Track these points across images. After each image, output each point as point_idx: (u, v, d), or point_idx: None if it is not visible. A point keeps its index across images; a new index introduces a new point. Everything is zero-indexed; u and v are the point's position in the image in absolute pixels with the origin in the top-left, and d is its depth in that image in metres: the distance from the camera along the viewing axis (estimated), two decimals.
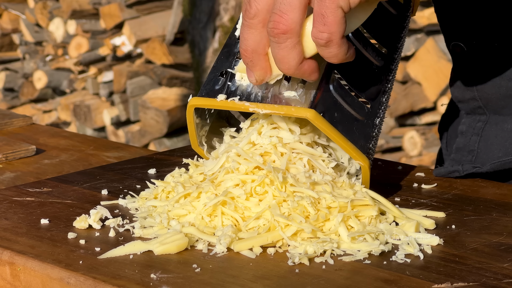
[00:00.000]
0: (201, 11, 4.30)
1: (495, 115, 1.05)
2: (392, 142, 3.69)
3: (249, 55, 0.84)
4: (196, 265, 0.78)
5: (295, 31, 0.81)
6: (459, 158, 1.06)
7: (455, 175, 1.02)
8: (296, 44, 0.81)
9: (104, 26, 4.45)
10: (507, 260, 0.78)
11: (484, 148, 1.05)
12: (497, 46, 1.03)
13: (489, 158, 1.04)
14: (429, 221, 0.86)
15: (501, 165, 1.03)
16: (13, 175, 1.12)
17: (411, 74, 3.63)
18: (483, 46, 1.04)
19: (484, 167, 1.03)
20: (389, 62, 0.96)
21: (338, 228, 0.82)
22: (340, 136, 0.88)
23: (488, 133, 1.05)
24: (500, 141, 1.04)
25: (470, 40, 1.05)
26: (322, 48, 0.81)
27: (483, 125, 1.06)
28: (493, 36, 1.03)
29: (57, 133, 1.33)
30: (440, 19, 1.09)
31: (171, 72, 4.36)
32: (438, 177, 1.02)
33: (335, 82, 0.89)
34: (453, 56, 1.10)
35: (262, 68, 0.85)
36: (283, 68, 0.83)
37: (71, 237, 0.85)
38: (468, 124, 1.07)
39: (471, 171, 1.03)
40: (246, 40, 0.84)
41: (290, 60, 0.82)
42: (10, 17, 4.87)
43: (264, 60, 0.85)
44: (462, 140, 1.07)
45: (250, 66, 0.85)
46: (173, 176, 0.95)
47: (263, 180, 0.85)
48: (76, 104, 4.53)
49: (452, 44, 1.08)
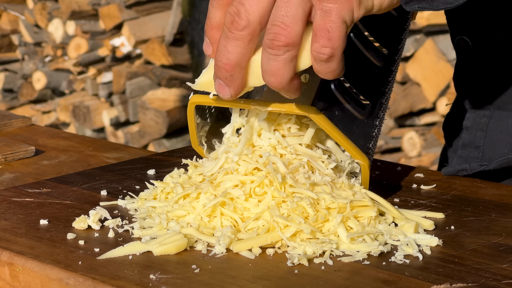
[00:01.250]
0: (201, 11, 4.30)
1: (499, 110, 1.06)
2: (392, 142, 3.69)
3: (231, 69, 0.80)
4: (195, 266, 0.78)
5: (296, 44, 0.78)
6: (466, 155, 1.07)
7: (463, 174, 1.04)
8: (294, 58, 0.79)
9: (103, 27, 4.45)
10: (506, 261, 0.78)
11: (490, 144, 1.05)
12: (502, 39, 1.03)
13: (495, 155, 1.05)
14: (428, 222, 0.87)
15: (508, 162, 1.04)
16: (12, 176, 1.12)
17: (410, 74, 3.63)
18: (488, 39, 1.04)
19: (491, 164, 1.04)
20: (389, 64, 0.96)
21: (337, 229, 0.82)
22: (340, 134, 0.88)
23: (492, 129, 1.06)
24: (506, 137, 1.04)
25: (475, 33, 1.05)
26: (321, 63, 0.79)
27: (488, 120, 1.06)
28: (498, 29, 1.03)
29: (56, 134, 1.33)
30: (447, 13, 1.09)
31: (171, 73, 4.36)
32: (447, 175, 1.03)
33: (336, 81, 0.89)
34: (457, 51, 1.10)
35: (242, 83, 0.82)
36: (274, 81, 0.79)
37: (70, 238, 0.85)
38: (473, 119, 1.08)
39: (479, 170, 1.03)
40: (230, 53, 0.80)
41: (285, 73, 0.79)
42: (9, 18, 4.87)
43: (244, 74, 0.81)
44: (468, 136, 1.08)
45: (228, 80, 0.81)
46: (172, 176, 0.95)
47: (262, 181, 0.85)
48: (75, 105, 4.53)
49: (457, 39, 1.08)
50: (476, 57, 1.07)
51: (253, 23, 0.79)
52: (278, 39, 0.78)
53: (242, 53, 0.80)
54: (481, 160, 1.05)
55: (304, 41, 0.80)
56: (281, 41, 0.78)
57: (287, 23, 0.78)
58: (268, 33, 0.78)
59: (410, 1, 0.81)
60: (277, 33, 0.78)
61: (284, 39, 0.78)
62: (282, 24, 0.78)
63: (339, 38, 0.78)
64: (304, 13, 0.78)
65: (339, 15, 0.78)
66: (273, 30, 0.78)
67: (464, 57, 1.09)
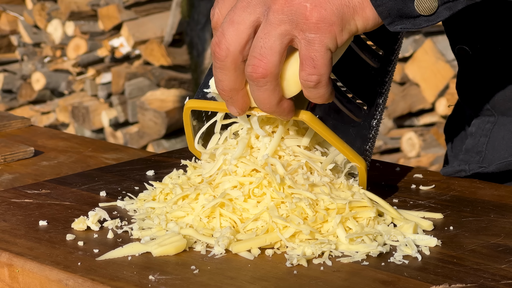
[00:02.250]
0: (199, 12, 4.30)
1: (503, 117, 1.06)
2: (390, 143, 3.69)
3: (228, 94, 0.85)
4: (194, 267, 0.78)
5: (274, 74, 0.81)
6: (467, 159, 1.07)
7: (462, 175, 1.04)
8: (275, 87, 0.82)
9: (103, 28, 4.45)
10: (504, 261, 0.78)
11: (492, 149, 1.06)
12: (501, 50, 1.03)
13: (495, 159, 1.05)
14: (427, 223, 0.87)
15: (506, 166, 1.04)
16: (11, 177, 1.12)
17: (409, 75, 3.63)
18: (487, 50, 1.05)
19: (490, 167, 1.04)
20: (385, 64, 0.96)
21: (336, 230, 0.82)
22: (336, 138, 0.88)
23: (496, 135, 1.06)
24: (507, 143, 1.05)
25: (474, 44, 1.06)
26: (310, 89, 0.82)
27: (492, 127, 1.07)
28: (497, 40, 1.03)
29: (55, 134, 1.33)
30: (444, 23, 1.10)
31: (170, 74, 4.36)
32: (445, 176, 1.04)
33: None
34: (458, 59, 1.10)
35: (244, 102, 0.85)
36: (264, 108, 0.84)
37: (69, 239, 0.85)
38: (477, 125, 1.08)
39: (477, 171, 1.04)
40: (222, 82, 0.84)
41: (271, 101, 0.83)
42: (8, 18, 4.87)
43: (243, 94, 0.85)
44: (471, 142, 1.08)
45: (230, 102, 0.86)
46: (171, 177, 0.95)
47: (261, 182, 0.85)
48: (74, 106, 4.53)
49: (457, 48, 1.08)
50: (477, 65, 1.07)
51: (233, 52, 0.82)
52: (256, 71, 0.81)
53: (231, 80, 0.84)
54: (481, 163, 1.06)
55: (292, 68, 0.83)
56: (259, 73, 0.81)
57: (264, 54, 0.81)
58: (247, 65, 0.82)
59: (393, 22, 0.82)
60: (254, 65, 0.81)
61: (262, 71, 0.81)
62: (259, 55, 0.81)
63: (324, 65, 0.81)
64: (282, 44, 0.81)
65: (322, 44, 0.80)
66: (251, 62, 0.81)
67: (465, 65, 1.09)
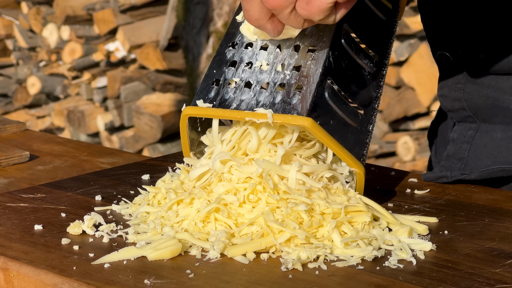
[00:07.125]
0: (195, 16, 4.30)
1: (485, 124, 1.06)
2: (386, 147, 3.69)
3: (255, 23, 0.86)
4: (190, 271, 0.78)
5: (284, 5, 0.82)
6: (448, 165, 1.07)
7: (443, 181, 1.03)
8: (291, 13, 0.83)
9: (98, 32, 4.45)
10: (499, 266, 0.79)
11: (474, 156, 1.06)
12: (482, 57, 1.03)
13: (477, 166, 1.05)
14: (422, 227, 0.87)
15: (489, 174, 1.04)
16: (6, 181, 1.12)
17: (404, 79, 3.63)
18: (469, 56, 1.05)
19: (472, 174, 1.04)
20: (380, 68, 0.96)
21: (331, 234, 0.83)
22: (336, 144, 0.88)
23: (478, 142, 1.06)
24: (489, 150, 1.05)
25: (455, 50, 1.06)
26: None
27: (474, 133, 1.06)
28: (478, 47, 1.03)
29: (50, 139, 1.33)
30: (426, 29, 1.10)
31: (165, 78, 4.36)
32: (426, 181, 1.03)
33: (329, 89, 0.89)
34: (439, 65, 1.10)
35: (273, 27, 0.87)
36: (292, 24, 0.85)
37: (64, 243, 0.85)
38: (459, 132, 1.08)
39: (459, 178, 1.03)
40: (248, 11, 0.86)
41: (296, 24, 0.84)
42: (3, 22, 4.87)
43: (271, 22, 0.86)
44: (453, 148, 1.08)
45: (261, 29, 0.87)
46: (164, 181, 0.95)
47: (255, 188, 0.85)
48: (70, 110, 4.53)
49: (438, 54, 1.09)
50: (458, 72, 1.07)
51: None
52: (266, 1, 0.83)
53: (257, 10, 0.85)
54: (463, 170, 1.05)
55: None
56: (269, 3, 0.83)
57: None
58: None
59: None
60: None
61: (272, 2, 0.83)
62: None
63: None
64: None
65: None
66: None
67: (446, 71, 1.09)
